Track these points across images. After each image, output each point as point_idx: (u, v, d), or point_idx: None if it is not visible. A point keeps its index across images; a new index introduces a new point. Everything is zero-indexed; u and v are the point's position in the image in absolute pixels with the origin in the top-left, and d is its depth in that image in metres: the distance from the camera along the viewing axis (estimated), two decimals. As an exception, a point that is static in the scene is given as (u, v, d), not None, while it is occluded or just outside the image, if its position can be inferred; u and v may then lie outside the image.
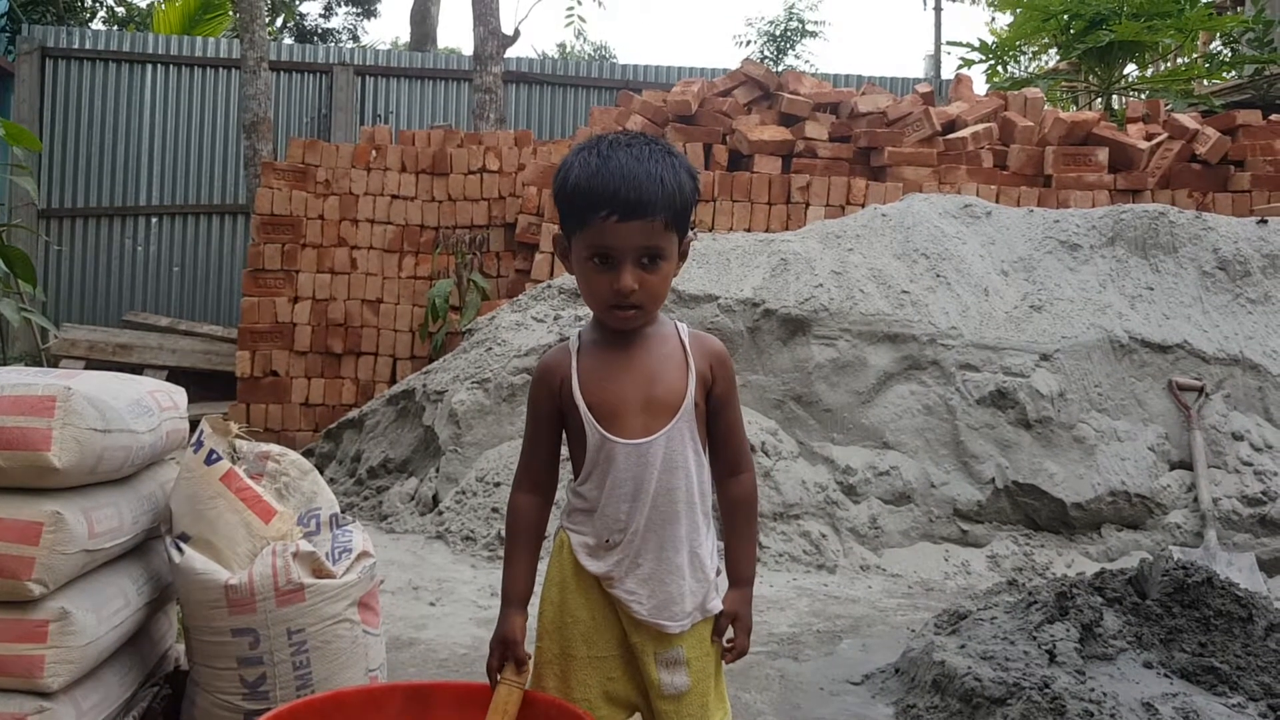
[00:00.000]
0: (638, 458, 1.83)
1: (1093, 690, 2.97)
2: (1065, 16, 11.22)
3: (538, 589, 1.97)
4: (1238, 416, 5.68)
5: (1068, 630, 3.29)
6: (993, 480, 5.42)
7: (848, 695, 3.41)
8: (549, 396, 1.90)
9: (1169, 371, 5.76)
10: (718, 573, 1.94)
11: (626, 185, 1.76)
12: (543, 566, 1.97)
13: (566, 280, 6.47)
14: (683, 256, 1.89)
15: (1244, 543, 5.26)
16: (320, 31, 19.26)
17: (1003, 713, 2.94)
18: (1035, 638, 3.29)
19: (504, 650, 1.88)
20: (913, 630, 4.04)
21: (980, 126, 8.33)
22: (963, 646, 3.34)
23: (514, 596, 1.91)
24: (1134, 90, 11.78)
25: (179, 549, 2.32)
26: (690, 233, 1.88)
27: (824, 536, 5.24)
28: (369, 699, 1.92)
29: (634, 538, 1.84)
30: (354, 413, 6.79)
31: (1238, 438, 5.59)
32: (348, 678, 2.37)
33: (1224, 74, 11.75)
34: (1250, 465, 5.49)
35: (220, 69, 11.39)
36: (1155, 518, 5.38)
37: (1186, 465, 5.53)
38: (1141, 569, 3.61)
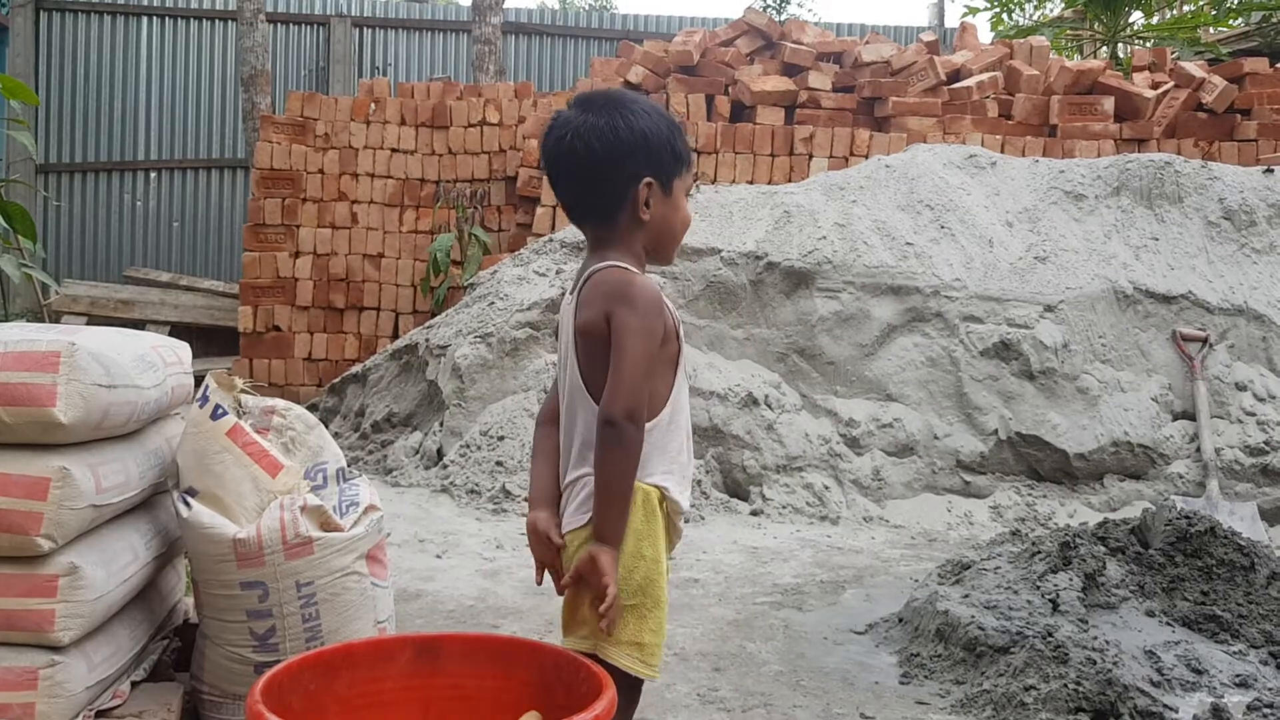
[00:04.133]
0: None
1: (1096, 639, 3.00)
2: (1071, -37, 11.08)
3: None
4: (1241, 367, 5.68)
5: (1071, 580, 3.32)
6: (996, 431, 5.42)
7: (852, 644, 3.44)
8: (664, 325, 1.88)
9: (1173, 322, 5.74)
10: None
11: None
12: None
13: (568, 234, 6.44)
14: None
15: (1246, 492, 5.28)
16: (316, -18, 18.99)
17: (1006, 661, 2.96)
18: (1039, 587, 3.31)
19: None
20: (916, 580, 4.06)
21: (985, 76, 8.25)
22: (966, 596, 3.36)
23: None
24: (1140, 38, 11.65)
25: (186, 504, 2.32)
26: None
27: (827, 488, 5.26)
28: (379, 650, 1.93)
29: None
30: (357, 368, 6.80)
31: (1241, 388, 5.59)
32: (356, 629, 2.38)
33: (1231, 21, 11.61)
34: (1253, 415, 5.49)
35: (217, 21, 11.25)
36: (1158, 468, 5.40)
37: (1189, 415, 5.54)
38: (1144, 519, 3.62)
